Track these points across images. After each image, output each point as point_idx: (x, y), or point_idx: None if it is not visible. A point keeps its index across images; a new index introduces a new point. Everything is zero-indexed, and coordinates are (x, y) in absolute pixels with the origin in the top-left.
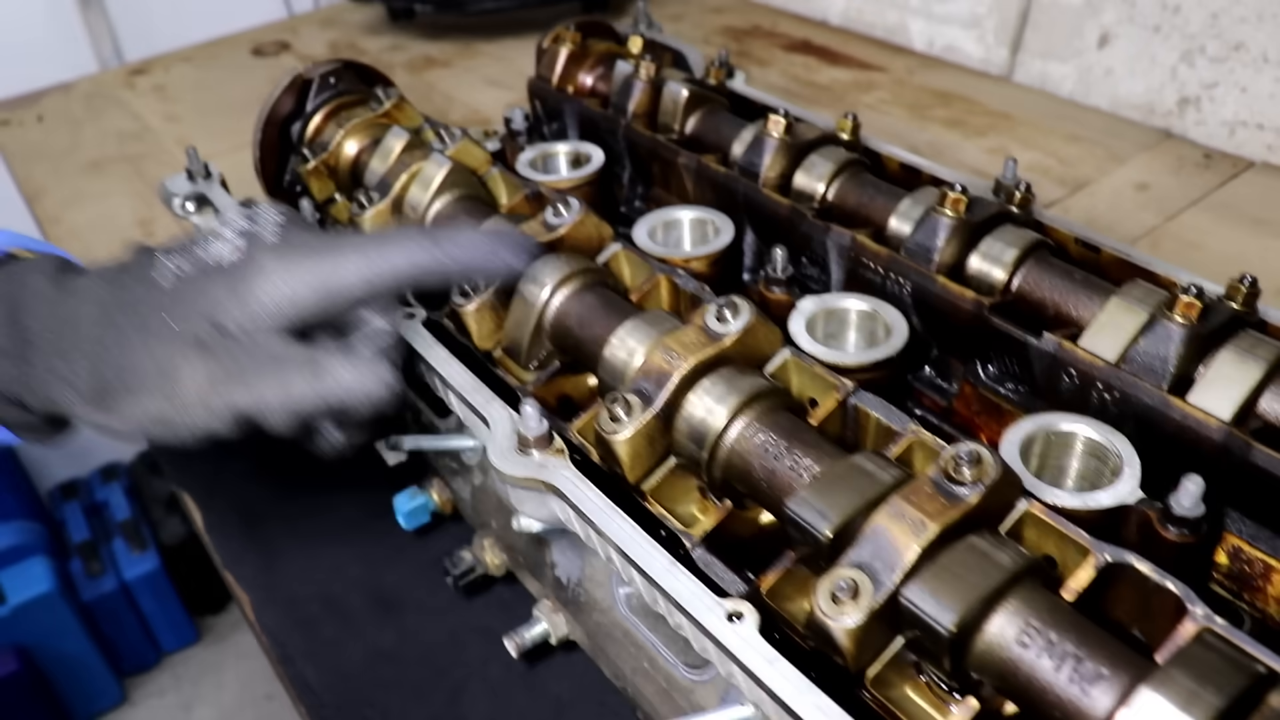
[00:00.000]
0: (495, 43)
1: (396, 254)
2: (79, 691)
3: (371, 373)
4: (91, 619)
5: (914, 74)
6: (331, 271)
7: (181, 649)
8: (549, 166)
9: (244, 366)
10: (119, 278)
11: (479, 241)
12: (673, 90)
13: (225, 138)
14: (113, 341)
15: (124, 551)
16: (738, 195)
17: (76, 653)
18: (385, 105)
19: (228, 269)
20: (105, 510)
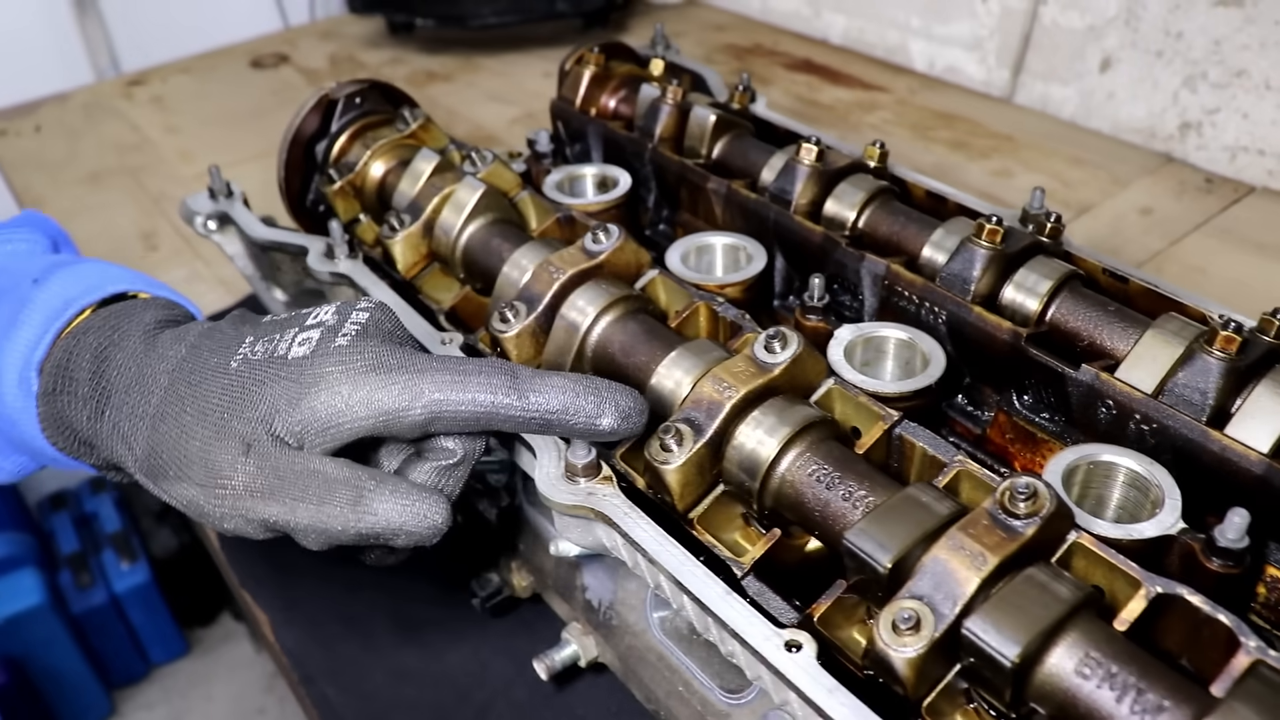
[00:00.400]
0: (496, 57)
1: (473, 394)
2: (68, 704)
3: (418, 507)
4: (81, 631)
5: (916, 94)
6: (397, 398)
7: (170, 661)
8: (575, 189)
9: (285, 481)
10: (201, 345)
11: (573, 399)
12: (700, 115)
13: (227, 150)
14: (173, 420)
15: (114, 563)
16: (768, 222)
17: (66, 665)
18: (411, 126)
19: (293, 365)
20: (95, 522)
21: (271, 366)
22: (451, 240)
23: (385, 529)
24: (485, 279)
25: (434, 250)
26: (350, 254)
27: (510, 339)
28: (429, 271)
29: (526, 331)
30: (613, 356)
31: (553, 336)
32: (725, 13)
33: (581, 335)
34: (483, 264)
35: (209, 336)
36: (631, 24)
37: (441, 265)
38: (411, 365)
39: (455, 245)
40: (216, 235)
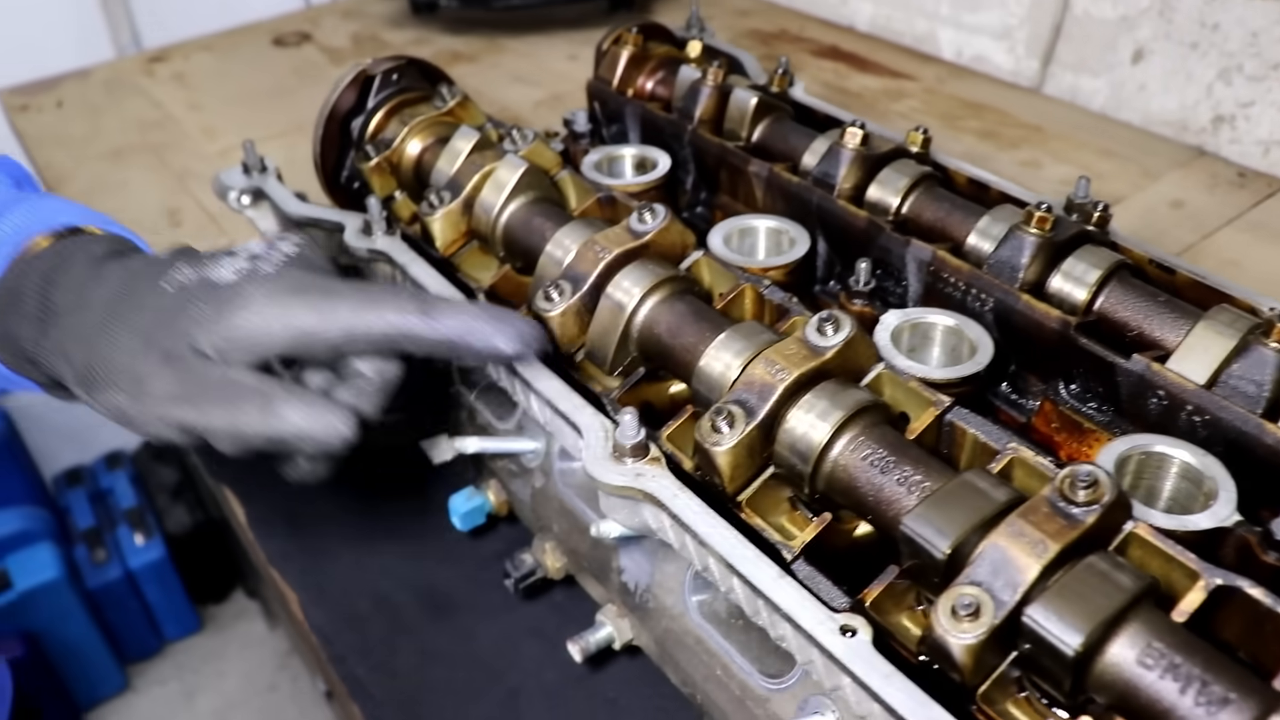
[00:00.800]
0: (521, 39)
1: (383, 316)
2: (82, 678)
3: (324, 418)
4: (96, 606)
5: (944, 83)
6: (312, 319)
7: (184, 637)
8: (614, 170)
9: (202, 389)
10: (142, 273)
11: (474, 321)
12: (741, 98)
13: (250, 128)
14: (108, 336)
15: (129, 539)
16: (811, 205)
17: (81, 639)
18: (449, 104)
19: (221, 290)
20: (110, 498)
21: (201, 289)
22: (492, 218)
23: (293, 434)
24: (526, 258)
25: (473, 228)
26: (388, 230)
27: (555, 318)
28: (468, 249)
29: (571, 311)
30: (659, 337)
31: (597, 316)
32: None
33: (627, 315)
34: (524, 243)
35: (150, 264)
36: (656, 8)
37: (480, 243)
38: (329, 290)
39: (495, 223)
40: (250, 211)
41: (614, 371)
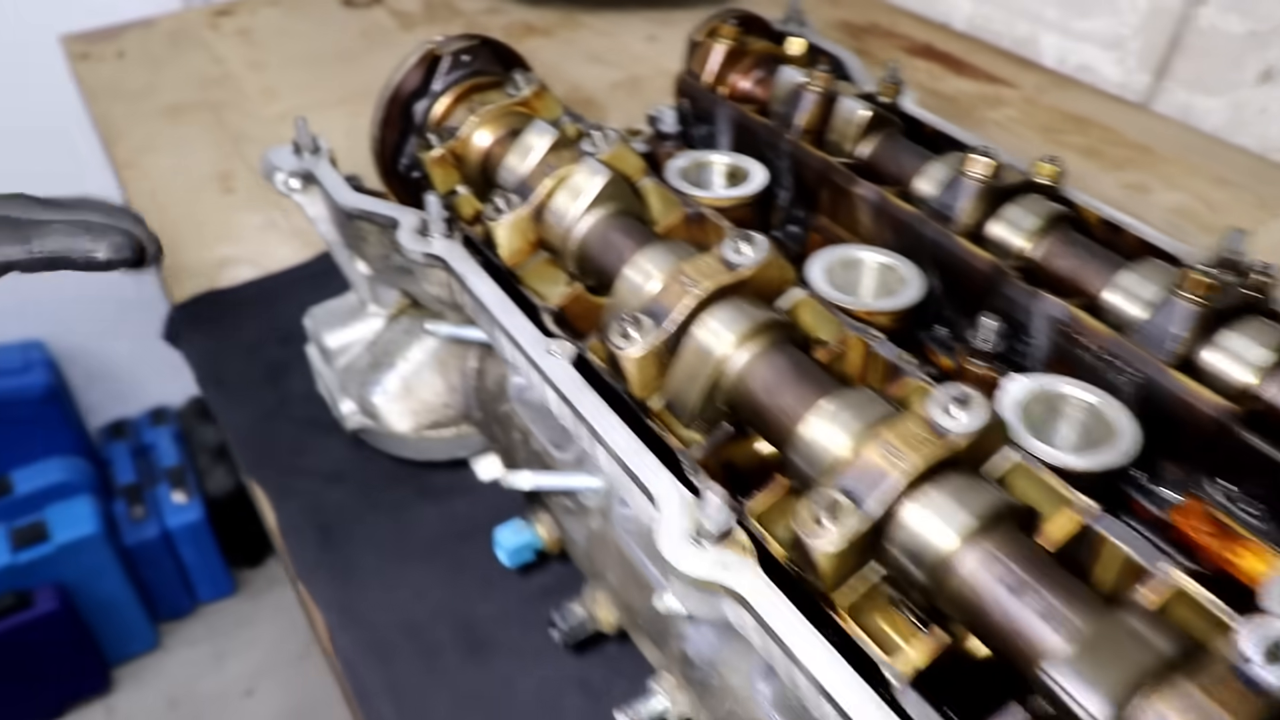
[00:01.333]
0: (599, 15)
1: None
2: (114, 633)
3: None
4: (132, 563)
5: (1045, 93)
6: None
7: (217, 600)
8: (702, 178)
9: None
10: None
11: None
12: (849, 108)
13: (312, 91)
14: None
15: (168, 498)
16: (924, 240)
17: (114, 595)
18: (523, 92)
19: None
20: (152, 454)
21: None
22: (565, 230)
23: None
24: (601, 278)
25: (543, 238)
26: (447, 233)
27: (632, 360)
28: (535, 261)
29: (651, 352)
30: (753, 394)
31: (682, 360)
32: None
33: (717, 365)
34: (599, 262)
35: None
36: None
37: (550, 255)
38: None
39: (569, 236)
40: (299, 195)
41: (693, 424)
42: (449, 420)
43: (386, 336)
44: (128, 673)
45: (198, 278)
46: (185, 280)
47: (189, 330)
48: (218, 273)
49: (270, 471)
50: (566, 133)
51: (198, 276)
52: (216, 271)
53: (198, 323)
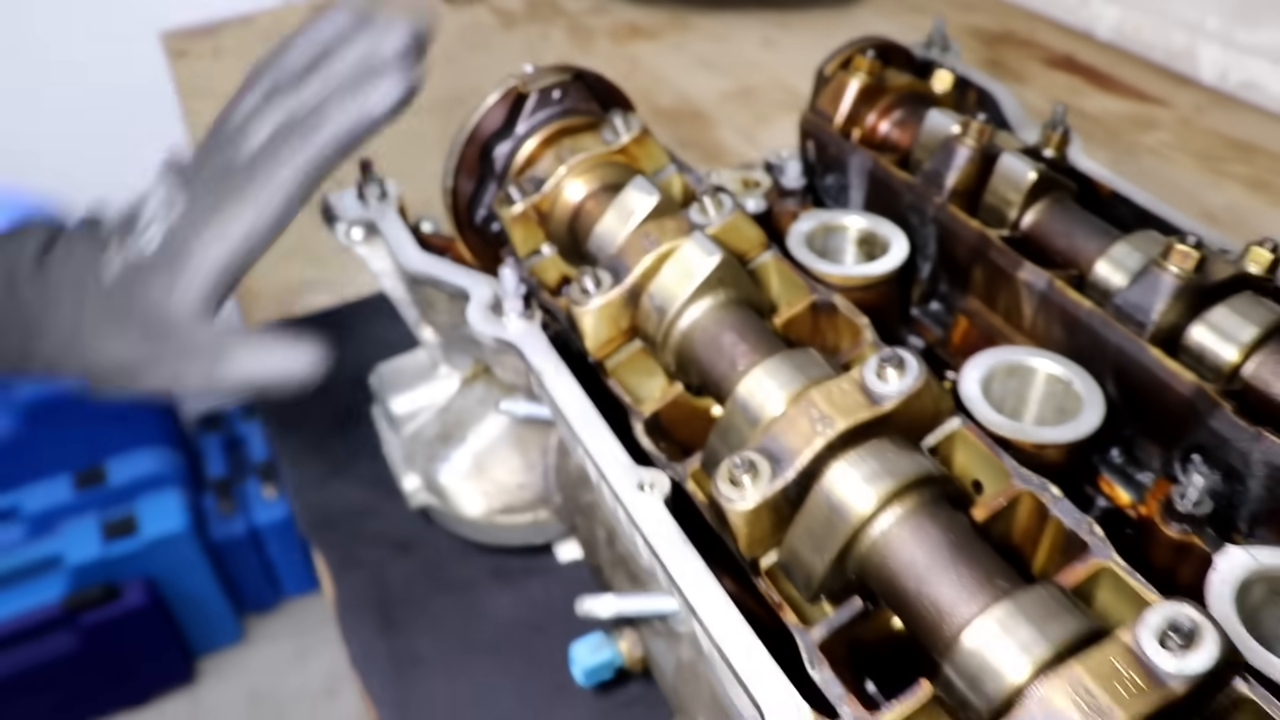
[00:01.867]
0: (712, 17)
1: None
2: (200, 627)
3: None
4: (219, 557)
5: (1203, 113)
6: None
7: (301, 594)
8: (831, 246)
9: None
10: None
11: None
12: (1013, 169)
13: None
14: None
15: (257, 493)
16: (1105, 346)
17: (200, 590)
18: (622, 139)
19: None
20: (243, 447)
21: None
22: (665, 322)
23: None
24: (706, 381)
25: (638, 325)
26: (524, 311)
27: (743, 513)
28: (627, 351)
29: (766, 504)
30: (896, 575)
31: (806, 517)
32: None
33: (854, 529)
34: (706, 364)
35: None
36: None
37: (645, 344)
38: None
39: (670, 330)
40: (361, 247)
41: (816, 597)
42: (525, 504)
43: (459, 404)
44: (211, 665)
45: (273, 301)
46: (260, 303)
47: None
48: (294, 298)
49: (332, 536)
50: (671, 191)
51: (273, 300)
52: (293, 296)
53: None
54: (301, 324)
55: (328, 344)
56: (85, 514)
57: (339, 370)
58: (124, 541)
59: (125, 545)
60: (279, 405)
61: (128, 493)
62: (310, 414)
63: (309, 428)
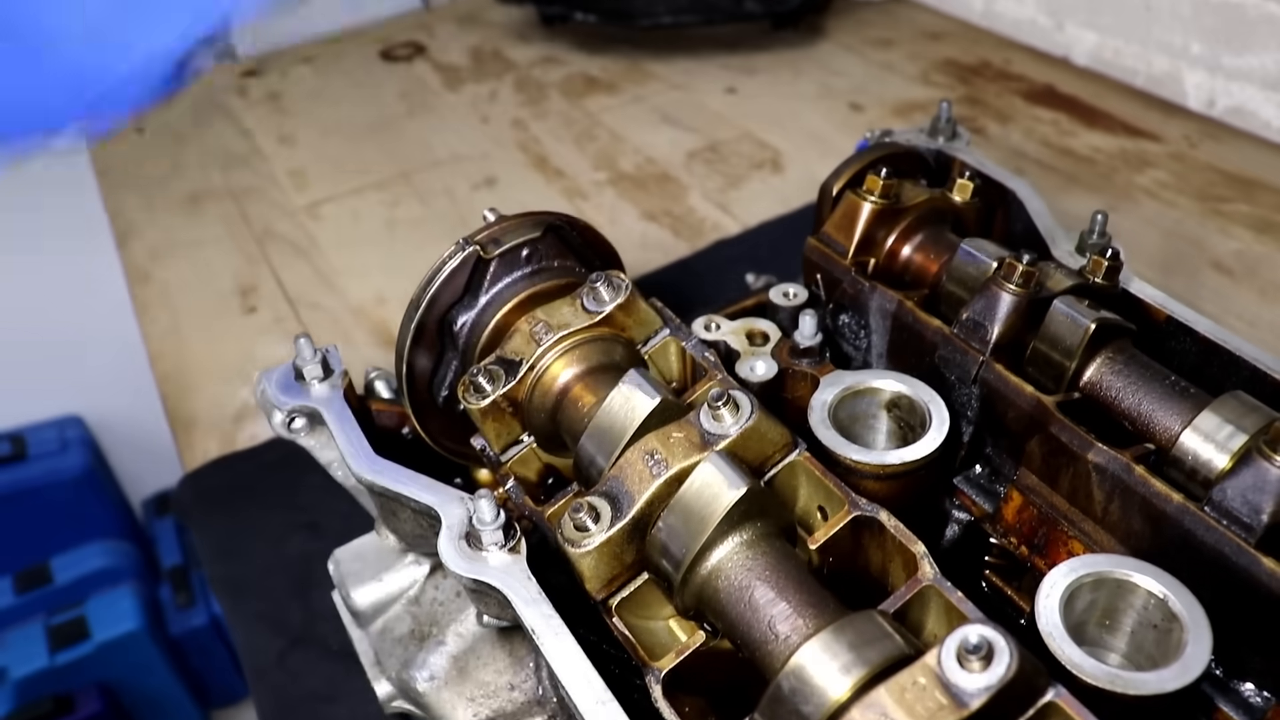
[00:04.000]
0: (669, 63)
1: None
2: None
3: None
4: (179, 653)
5: (1196, 146)
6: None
7: None
8: (857, 412)
9: None
10: None
11: None
12: (1069, 320)
13: (344, 173)
14: None
15: None
16: (1200, 547)
17: (162, 690)
18: (606, 306)
19: None
20: None
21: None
22: (683, 566)
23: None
24: (737, 638)
25: (646, 558)
26: (505, 542)
27: None
28: (635, 586)
29: None
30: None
31: None
32: (938, 14)
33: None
34: (736, 621)
35: None
36: (827, 25)
37: (654, 578)
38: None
39: (689, 575)
40: (306, 439)
41: None
42: (517, 709)
43: (431, 595)
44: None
45: (213, 433)
46: (199, 436)
47: (199, 510)
48: (236, 428)
49: None
50: (668, 363)
51: (213, 431)
52: (235, 426)
53: (209, 501)
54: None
55: None
56: (29, 620)
57: (290, 518)
58: (74, 649)
59: (75, 652)
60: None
61: (77, 591)
62: (262, 570)
63: (261, 590)
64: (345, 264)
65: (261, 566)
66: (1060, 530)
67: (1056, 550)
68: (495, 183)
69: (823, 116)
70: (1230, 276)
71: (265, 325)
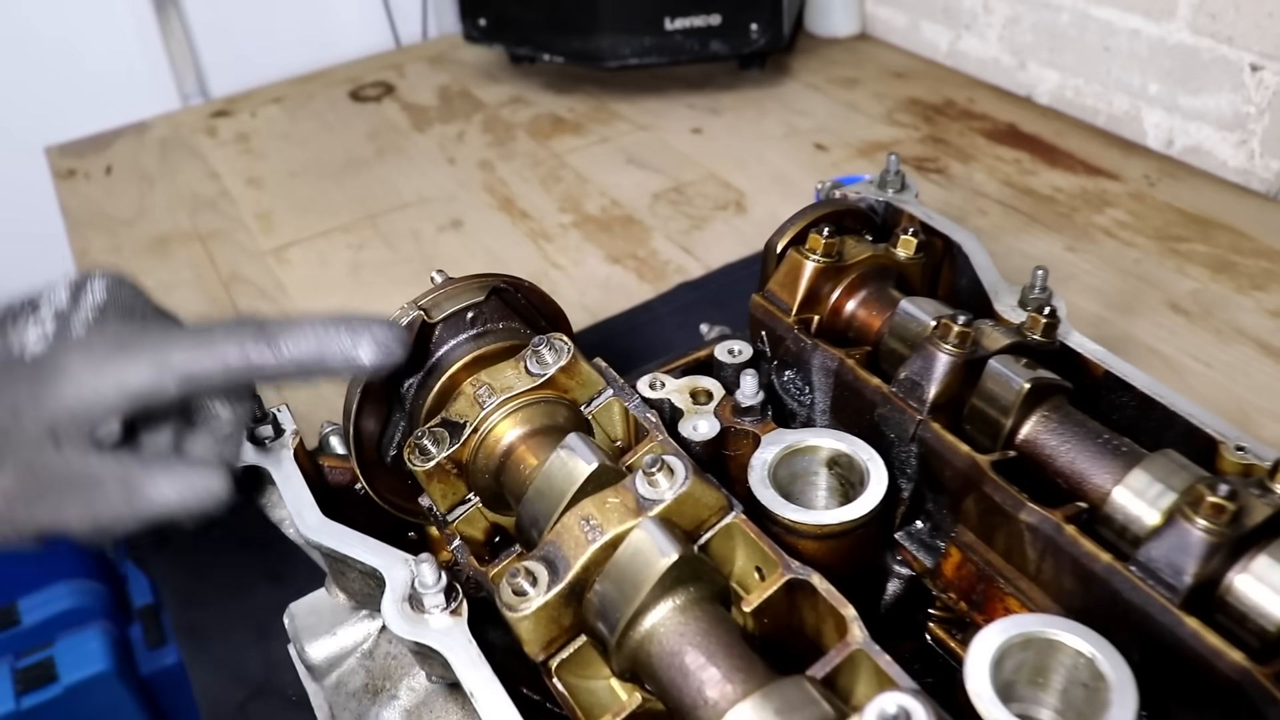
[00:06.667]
0: (635, 103)
1: (222, 355)
2: None
3: (196, 483)
4: (149, 694)
5: (1155, 186)
6: (144, 374)
7: None
8: (797, 470)
9: (45, 484)
10: None
11: (326, 338)
12: (1004, 378)
13: (311, 214)
14: None
15: None
16: (1127, 609)
17: None
18: (549, 369)
19: (30, 365)
20: None
21: (10, 370)
22: (617, 632)
23: (165, 508)
24: (670, 704)
25: (583, 622)
26: (447, 604)
27: None
28: (572, 647)
29: None
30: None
31: None
32: (903, 53)
33: None
34: (669, 687)
35: None
36: (793, 64)
37: (593, 642)
38: (155, 340)
39: (622, 640)
40: (258, 497)
41: None
42: None
43: (384, 649)
44: None
45: None
46: None
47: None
48: None
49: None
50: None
51: None
52: None
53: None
54: None
55: None
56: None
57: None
58: (41, 692)
59: (43, 694)
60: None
61: (44, 632)
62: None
63: (219, 635)
64: (311, 308)
65: (220, 610)
66: (997, 587)
67: (994, 606)
68: (461, 225)
69: (786, 157)
70: (1187, 316)
71: None
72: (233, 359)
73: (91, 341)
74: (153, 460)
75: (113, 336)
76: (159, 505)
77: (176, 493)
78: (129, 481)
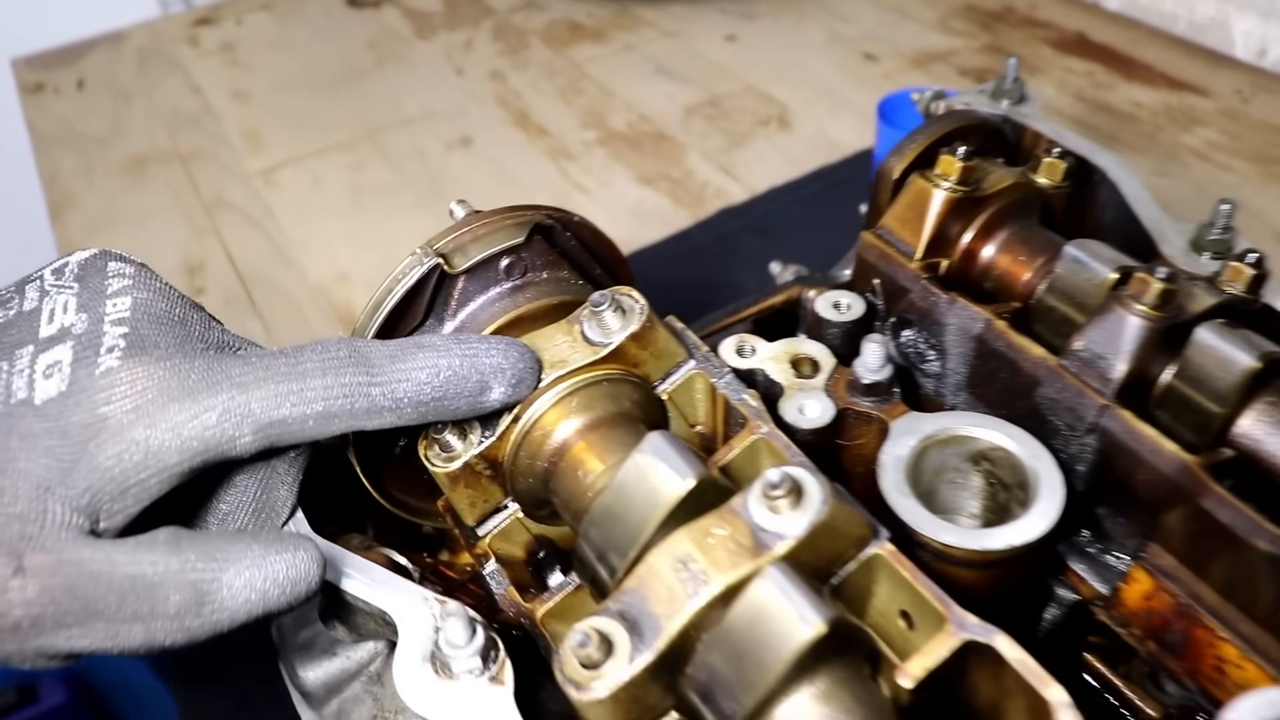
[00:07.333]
0: (660, 7)
1: (317, 402)
2: (135, 709)
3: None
4: None
5: (1250, 101)
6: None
7: None
8: (942, 474)
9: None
10: None
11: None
12: (1222, 352)
13: (304, 132)
14: None
15: None
16: None
17: (131, 673)
18: (615, 336)
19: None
20: None
21: (15, 421)
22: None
23: (248, 615)
24: None
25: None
26: (485, 668)
27: None
28: None
29: None
30: None
31: None
32: None
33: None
34: None
35: None
36: None
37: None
38: (221, 374)
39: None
40: None
41: None
42: None
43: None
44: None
45: None
46: None
47: None
48: None
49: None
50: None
51: None
52: None
53: None
54: None
55: None
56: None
57: None
58: None
59: None
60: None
61: None
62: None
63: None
64: (304, 237)
65: None
66: (1206, 629)
67: (1201, 654)
68: (471, 143)
69: (833, 67)
70: None
71: (214, 308)
72: (334, 407)
73: (133, 382)
74: (221, 545)
75: (163, 374)
76: (241, 610)
77: (260, 586)
78: (197, 581)
